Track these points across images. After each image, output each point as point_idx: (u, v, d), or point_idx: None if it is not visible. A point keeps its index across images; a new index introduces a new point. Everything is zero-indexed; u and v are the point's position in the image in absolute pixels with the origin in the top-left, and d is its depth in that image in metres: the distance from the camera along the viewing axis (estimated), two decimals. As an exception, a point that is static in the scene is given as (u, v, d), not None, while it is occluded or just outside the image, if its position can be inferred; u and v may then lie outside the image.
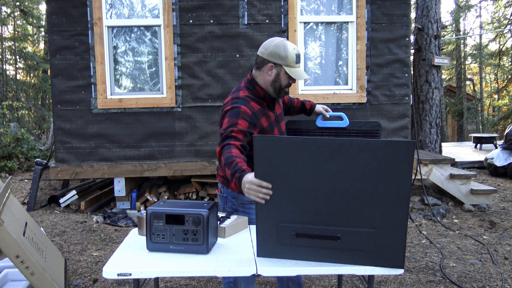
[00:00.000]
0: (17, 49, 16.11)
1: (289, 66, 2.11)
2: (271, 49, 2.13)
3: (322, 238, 1.71)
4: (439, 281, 3.23)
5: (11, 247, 2.44)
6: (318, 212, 1.70)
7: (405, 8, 5.25)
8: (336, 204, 1.69)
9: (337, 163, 1.65)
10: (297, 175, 1.68)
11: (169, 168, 5.12)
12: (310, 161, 1.67)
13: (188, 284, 3.20)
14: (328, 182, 1.68)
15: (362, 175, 1.65)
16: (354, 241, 1.69)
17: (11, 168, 8.22)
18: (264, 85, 2.18)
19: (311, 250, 1.74)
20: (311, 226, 1.71)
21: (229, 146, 1.95)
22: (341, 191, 1.67)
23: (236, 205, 2.27)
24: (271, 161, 1.69)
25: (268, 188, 1.68)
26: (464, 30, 22.96)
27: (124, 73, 5.33)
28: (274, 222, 1.74)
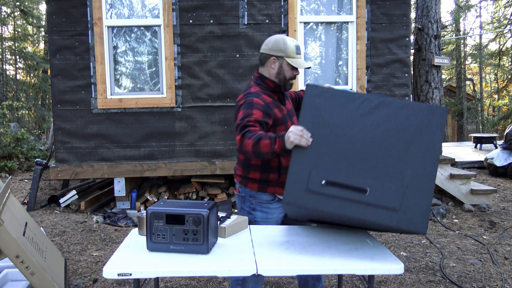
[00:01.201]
0: (17, 49, 16.11)
1: (290, 56, 2.23)
2: (271, 43, 2.25)
3: (350, 189, 1.76)
4: (439, 281, 3.23)
5: (11, 247, 2.44)
6: (352, 163, 1.77)
7: (405, 8, 5.25)
8: (370, 158, 1.77)
9: (378, 118, 1.77)
10: (338, 126, 1.79)
11: (169, 168, 5.12)
12: (353, 113, 1.78)
13: (188, 284, 3.20)
14: (366, 136, 1.77)
15: (398, 132, 1.76)
16: (381, 196, 1.74)
17: (11, 168, 8.22)
18: (274, 78, 2.28)
19: (337, 200, 1.77)
20: (341, 176, 1.77)
21: (250, 131, 2.00)
22: (377, 145, 1.77)
23: (254, 204, 2.30)
24: (317, 108, 1.81)
25: (308, 135, 1.80)
26: (464, 30, 22.96)
27: (124, 73, 5.33)
28: (307, 167, 1.80)
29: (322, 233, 2.25)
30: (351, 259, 1.85)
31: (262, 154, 1.94)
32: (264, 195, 2.26)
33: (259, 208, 2.30)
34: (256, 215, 2.31)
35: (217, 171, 5.14)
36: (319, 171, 1.79)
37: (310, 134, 1.81)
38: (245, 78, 5.14)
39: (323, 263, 1.80)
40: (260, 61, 2.32)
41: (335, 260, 1.84)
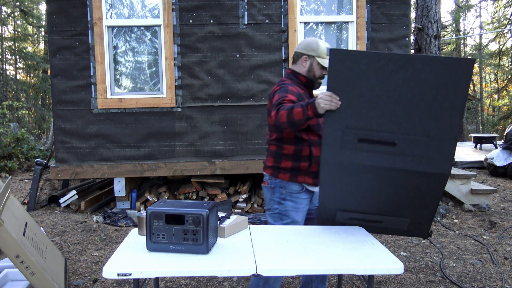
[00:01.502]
0: (17, 49, 16.11)
1: (321, 57, 2.41)
2: (304, 43, 2.45)
3: (381, 143, 1.92)
4: (439, 281, 3.23)
5: (11, 247, 2.44)
6: (380, 120, 1.90)
7: (405, 8, 5.25)
8: (397, 114, 1.89)
9: (403, 76, 1.85)
10: (365, 86, 1.88)
11: (169, 168, 5.12)
12: (378, 74, 1.86)
13: (188, 284, 3.20)
14: (392, 93, 1.87)
15: (424, 87, 1.85)
16: (409, 147, 1.90)
17: (11, 168, 8.22)
18: (305, 74, 2.45)
19: (370, 154, 1.95)
20: (372, 133, 1.92)
21: (284, 105, 2.14)
22: (403, 101, 1.87)
23: (284, 194, 2.38)
24: (343, 72, 1.89)
25: (337, 99, 1.92)
26: (464, 30, 22.96)
27: (124, 73, 5.33)
28: (340, 128, 1.94)
29: (322, 233, 2.25)
30: (351, 259, 1.85)
31: (295, 122, 2.06)
32: (294, 185, 2.36)
33: (289, 198, 2.38)
34: (286, 205, 2.38)
35: (217, 171, 5.14)
36: (351, 130, 1.93)
37: (339, 98, 1.92)
38: (245, 78, 5.14)
39: (323, 263, 1.80)
40: (293, 59, 2.51)
41: (335, 260, 1.84)
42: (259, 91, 5.16)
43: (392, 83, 1.86)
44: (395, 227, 2.20)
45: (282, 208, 2.38)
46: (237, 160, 5.15)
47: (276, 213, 2.40)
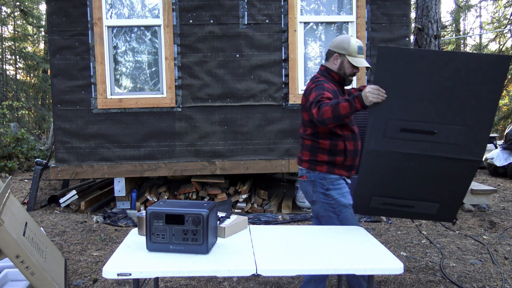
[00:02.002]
0: (17, 49, 16.11)
1: (351, 55, 2.47)
2: (337, 41, 2.52)
3: (421, 132, 2.10)
4: (439, 281, 3.23)
5: (11, 247, 2.44)
6: (422, 111, 2.07)
7: (405, 8, 5.25)
8: (439, 105, 2.06)
9: (447, 72, 2.01)
10: (410, 80, 2.05)
11: (169, 168, 5.12)
12: (423, 69, 2.03)
13: (188, 284, 3.20)
14: (436, 87, 2.04)
15: (464, 83, 2.02)
16: (448, 136, 2.09)
17: (11, 168, 8.22)
18: (336, 72, 2.53)
19: (411, 142, 2.13)
20: (414, 123, 2.09)
21: (325, 102, 2.23)
22: (446, 94, 2.05)
23: (327, 185, 2.47)
24: (390, 67, 2.06)
25: (383, 92, 2.08)
26: (464, 30, 22.95)
27: (124, 73, 5.33)
28: (384, 119, 2.12)
29: (322, 233, 2.25)
30: (351, 259, 1.85)
31: (341, 116, 2.17)
32: (332, 175, 2.47)
33: (332, 186, 2.47)
34: (332, 194, 2.46)
35: (217, 171, 5.14)
36: (394, 120, 2.10)
37: (385, 91, 2.07)
38: (245, 78, 5.14)
39: (323, 263, 1.80)
40: (326, 56, 2.59)
41: (335, 260, 1.84)
42: (259, 91, 5.16)
43: (436, 77, 2.03)
44: (425, 211, 2.36)
45: (328, 198, 2.47)
46: (237, 160, 5.15)
47: (326, 203, 2.48)
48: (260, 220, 4.83)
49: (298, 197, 5.26)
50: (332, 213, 2.47)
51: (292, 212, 5.17)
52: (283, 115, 5.19)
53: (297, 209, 5.31)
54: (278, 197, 5.61)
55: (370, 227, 4.63)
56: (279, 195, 5.70)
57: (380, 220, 4.83)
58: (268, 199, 5.47)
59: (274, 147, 5.20)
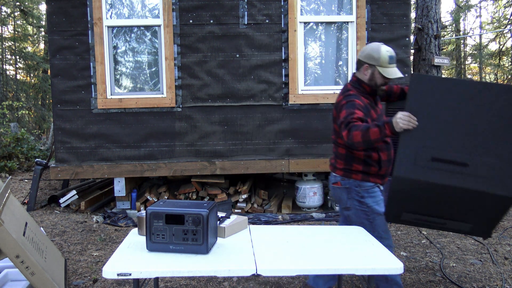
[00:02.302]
0: (17, 49, 16.10)
1: (382, 66, 2.42)
2: (366, 51, 2.47)
3: (453, 163, 2.01)
4: (439, 281, 3.23)
5: (11, 247, 2.44)
6: (454, 142, 2.01)
7: (405, 8, 5.25)
8: (471, 136, 1.99)
9: (480, 102, 1.96)
10: (443, 109, 2.02)
11: (169, 168, 5.12)
12: (456, 98, 1.98)
13: (188, 284, 3.20)
14: (468, 118, 1.99)
15: (498, 114, 1.97)
16: (482, 168, 1.98)
17: (11, 168, 8.22)
18: (367, 83, 2.49)
19: (442, 172, 2.04)
20: (445, 153, 2.03)
21: (355, 125, 2.22)
22: (478, 126, 1.99)
23: (362, 192, 2.49)
24: (423, 95, 2.03)
25: (414, 119, 2.04)
26: (464, 30, 22.94)
27: (124, 73, 5.33)
28: (415, 147, 2.06)
29: (322, 233, 2.25)
30: (351, 259, 1.85)
31: (371, 141, 2.17)
32: (367, 183, 2.48)
33: (367, 194, 2.48)
34: (367, 201, 2.48)
35: (217, 171, 5.14)
36: (426, 149, 2.05)
37: (416, 119, 2.04)
38: (245, 78, 5.14)
39: (323, 263, 1.80)
40: (356, 66, 2.55)
41: (335, 260, 1.84)
42: (259, 91, 5.16)
43: (470, 107, 1.98)
44: (457, 228, 2.30)
45: (363, 205, 2.49)
46: (237, 160, 5.15)
47: (360, 210, 2.51)
48: (260, 220, 4.83)
49: (298, 197, 5.26)
50: (365, 220, 2.50)
51: (292, 212, 5.17)
52: (283, 115, 5.19)
53: (297, 209, 5.32)
54: (278, 197, 5.61)
55: (370, 227, 4.63)
56: (279, 195, 5.70)
57: (380, 220, 4.83)
58: (268, 199, 5.47)
59: (274, 147, 5.20)
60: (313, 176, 5.37)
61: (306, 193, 5.19)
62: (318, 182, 5.28)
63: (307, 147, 5.21)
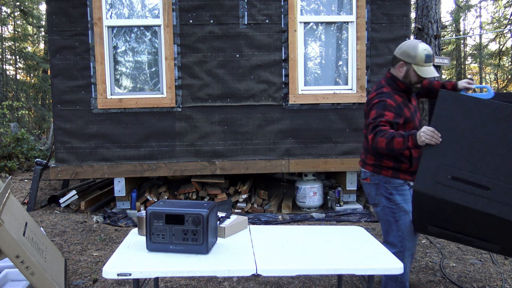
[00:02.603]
0: (17, 49, 16.10)
1: (418, 64, 2.38)
2: (403, 48, 2.44)
3: (474, 185, 1.94)
4: (439, 281, 3.23)
5: (11, 247, 2.44)
6: (478, 163, 1.94)
7: (405, 8, 5.25)
8: (496, 160, 1.91)
9: (507, 126, 1.88)
10: (468, 128, 1.97)
11: (169, 168, 5.12)
12: (482, 119, 1.93)
13: (188, 284, 3.19)
14: (493, 140, 1.92)
15: None
16: (503, 195, 1.89)
17: (11, 168, 8.22)
18: (402, 80, 2.46)
19: (462, 193, 1.97)
20: (466, 173, 1.96)
21: (382, 130, 2.25)
22: (502, 149, 1.91)
23: (391, 189, 2.49)
24: (449, 113, 2.00)
25: (438, 135, 2.03)
26: (464, 30, 22.94)
27: (124, 73, 5.33)
28: (436, 163, 2.03)
29: (322, 233, 2.25)
30: (351, 259, 1.85)
31: (394, 150, 2.20)
32: (397, 180, 2.47)
33: (395, 191, 2.48)
34: (395, 198, 2.48)
35: (217, 171, 5.14)
36: (447, 166, 2.00)
37: (440, 135, 2.03)
38: (245, 78, 5.14)
39: (323, 263, 1.80)
40: (391, 62, 2.53)
41: (335, 260, 1.84)
42: (259, 91, 5.16)
43: (495, 130, 1.92)
44: (485, 247, 2.23)
45: (391, 202, 2.50)
46: (237, 160, 5.15)
47: (387, 207, 2.51)
48: (260, 220, 4.83)
49: (298, 197, 5.26)
50: (391, 217, 2.49)
51: (292, 212, 5.17)
52: (283, 115, 5.19)
53: (297, 209, 5.32)
54: (278, 197, 5.61)
55: (370, 227, 4.63)
56: (279, 195, 5.70)
57: (380, 220, 4.83)
58: (268, 199, 5.47)
59: (274, 147, 5.20)
60: (313, 176, 5.37)
61: (306, 193, 5.19)
62: (318, 182, 5.28)
63: (307, 147, 5.21)
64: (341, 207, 5.19)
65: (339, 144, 5.23)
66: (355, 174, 5.37)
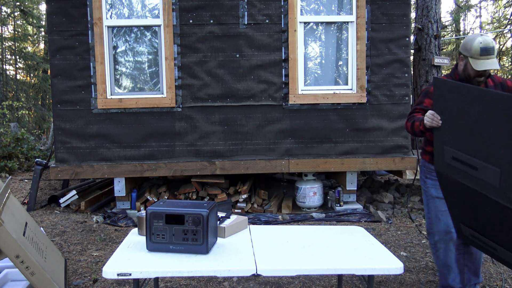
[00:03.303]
0: (17, 49, 16.10)
1: (473, 57, 2.42)
2: (464, 42, 2.51)
3: (467, 165, 2.08)
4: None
5: (11, 247, 2.44)
6: (469, 145, 2.06)
7: (405, 8, 5.25)
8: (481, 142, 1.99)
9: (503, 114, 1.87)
10: (458, 113, 2.09)
11: (169, 168, 5.12)
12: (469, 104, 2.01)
13: (188, 284, 3.19)
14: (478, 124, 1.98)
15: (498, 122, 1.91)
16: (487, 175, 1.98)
17: (11, 168, 8.22)
18: (460, 73, 2.55)
19: (464, 174, 2.11)
20: (462, 154, 2.11)
21: (412, 116, 2.51)
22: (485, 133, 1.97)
23: (425, 173, 2.70)
24: (444, 99, 2.15)
25: (438, 118, 2.19)
26: (464, 30, 22.94)
27: (124, 73, 5.33)
28: (441, 143, 2.22)
29: (322, 233, 2.25)
30: (351, 259, 1.85)
31: (416, 133, 2.45)
32: (431, 165, 2.65)
33: (429, 176, 2.67)
34: (427, 182, 2.69)
35: (217, 171, 5.14)
36: (448, 147, 2.16)
37: (440, 118, 2.18)
38: (245, 78, 5.14)
39: (323, 263, 1.80)
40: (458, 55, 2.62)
41: (335, 260, 1.84)
42: (259, 91, 5.16)
43: (477, 114, 1.99)
44: (507, 260, 2.20)
45: (425, 186, 2.70)
46: (237, 160, 5.15)
47: (423, 190, 2.74)
48: (260, 220, 4.83)
49: (298, 197, 5.26)
50: (425, 200, 2.71)
51: (292, 212, 5.17)
52: (283, 115, 5.19)
53: (297, 209, 5.32)
54: (278, 197, 5.61)
55: (370, 227, 4.63)
56: (279, 195, 5.70)
57: (380, 220, 4.83)
58: (268, 199, 5.47)
59: (274, 147, 5.20)
60: (313, 176, 5.37)
61: (306, 193, 5.19)
62: (318, 182, 5.28)
63: (307, 147, 5.21)
64: (341, 207, 5.19)
65: (339, 144, 5.23)
66: (355, 174, 5.37)
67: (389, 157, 5.26)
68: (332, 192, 5.35)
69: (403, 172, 5.54)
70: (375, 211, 5.03)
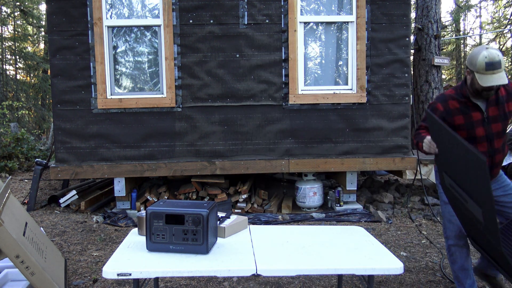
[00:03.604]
0: (17, 49, 16.10)
1: (478, 72, 2.34)
2: (469, 56, 2.46)
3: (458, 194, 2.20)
4: (439, 281, 3.23)
5: (11, 247, 2.44)
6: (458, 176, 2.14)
7: (405, 8, 5.25)
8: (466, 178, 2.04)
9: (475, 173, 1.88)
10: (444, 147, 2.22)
11: (169, 168, 5.12)
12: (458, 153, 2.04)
13: (188, 284, 3.19)
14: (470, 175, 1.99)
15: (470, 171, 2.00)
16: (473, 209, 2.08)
17: (11, 168, 8.22)
18: (469, 87, 2.50)
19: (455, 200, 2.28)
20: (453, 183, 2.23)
21: (418, 133, 2.60)
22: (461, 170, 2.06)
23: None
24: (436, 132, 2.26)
25: (434, 147, 2.32)
26: (464, 30, 22.93)
27: (124, 73, 5.33)
28: (440, 169, 2.37)
29: (322, 233, 2.25)
30: (351, 259, 1.85)
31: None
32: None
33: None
34: (440, 187, 2.74)
35: (217, 171, 5.14)
36: (446, 175, 2.29)
37: (436, 145, 2.29)
38: (245, 78, 5.14)
39: (323, 263, 1.80)
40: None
41: (335, 260, 1.84)
42: (259, 91, 5.16)
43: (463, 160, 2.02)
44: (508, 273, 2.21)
45: (439, 190, 2.79)
46: (237, 160, 5.15)
47: (439, 193, 2.80)
48: (260, 220, 4.83)
49: (298, 197, 5.26)
50: (441, 205, 2.79)
51: (292, 212, 5.17)
52: (283, 115, 5.19)
53: (297, 209, 5.32)
54: (278, 197, 5.61)
55: (370, 227, 4.63)
56: (279, 195, 5.70)
57: (380, 220, 4.83)
58: (268, 199, 5.47)
59: (274, 147, 5.20)
60: (313, 176, 5.37)
61: (306, 193, 5.19)
62: (318, 182, 5.28)
63: (307, 147, 5.21)
64: (341, 207, 5.19)
65: (339, 144, 5.23)
66: (355, 174, 5.37)
67: (389, 157, 5.26)
68: (332, 192, 5.35)
69: (403, 172, 5.54)
70: (375, 211, 5.03)
